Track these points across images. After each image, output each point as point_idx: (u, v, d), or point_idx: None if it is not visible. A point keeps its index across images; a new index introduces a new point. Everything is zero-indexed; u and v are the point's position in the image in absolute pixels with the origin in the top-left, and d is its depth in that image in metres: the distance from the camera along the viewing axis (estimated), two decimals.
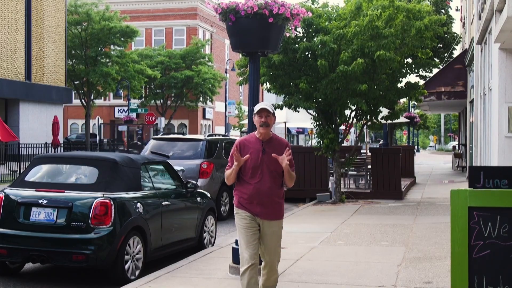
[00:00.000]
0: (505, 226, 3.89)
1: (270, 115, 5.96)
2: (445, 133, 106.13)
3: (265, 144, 5.98)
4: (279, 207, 6.04)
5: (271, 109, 6.00)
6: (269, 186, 5.91)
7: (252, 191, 5.91)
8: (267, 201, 5.91)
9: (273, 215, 5.99)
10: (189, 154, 14.53)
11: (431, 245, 10.01)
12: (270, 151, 5.91)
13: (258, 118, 5.97)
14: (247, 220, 5.94)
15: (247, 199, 5.94)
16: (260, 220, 5.95)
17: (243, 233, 5.93)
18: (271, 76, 15.85)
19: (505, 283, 3.82)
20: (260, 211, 5.92)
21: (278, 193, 6.00)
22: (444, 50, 34.32)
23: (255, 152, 5.93)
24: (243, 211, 5.97)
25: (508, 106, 11.49)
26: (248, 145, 6.00)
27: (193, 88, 47.68)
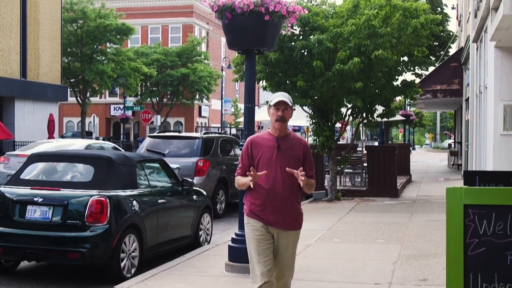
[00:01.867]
0: (501, 223, 3.90)
1: (288, 109, 5.22)
2: (441, 131, 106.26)
3: (280, 140, 5.22)
4: (297, 215, 5.28)
5: (290, 101, 5.24)
6: (285, 189, 5.14)
7: (266, 196, 5.14)
8: (283, 207, 5.15)
9: (290, 224, 5.22)
10: (185, 152, 14.53)
11: (426, 242, 10.03)
12: (286, 149, 5.20)
13: (274, 111, 5.19)
14: (259, 232, 5.17)
15: (260, 205, 5.17)
16: (275, 230, 5.19)
17: (255, 247, 5.17)
18: (267, 73, 15.84)
19: (500, 280, 3.83)
20: (275, 219, 5.15)
21: (295, 197, 5.24)
22: (440, 48, 34.36)
23: (268, 150, 5.20)
24: (255, 220, 5.21)
25: (503, 104, 11.50)
26: (261, 142, 5.25)
27: (189, 86, 47.67)
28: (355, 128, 20.16)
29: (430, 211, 14.23)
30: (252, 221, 5.24)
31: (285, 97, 5.21)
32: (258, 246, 5.15)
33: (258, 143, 5.26)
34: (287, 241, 5.21)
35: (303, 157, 5.25)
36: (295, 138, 5.34)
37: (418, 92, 18.03)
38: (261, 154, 5.20)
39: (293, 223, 5.22)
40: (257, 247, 5.15)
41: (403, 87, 17.12)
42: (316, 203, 16.07)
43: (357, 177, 19.97)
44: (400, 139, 78.64)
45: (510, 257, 3.85)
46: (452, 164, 32.74)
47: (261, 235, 5.16)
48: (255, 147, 5.25)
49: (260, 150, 5.22)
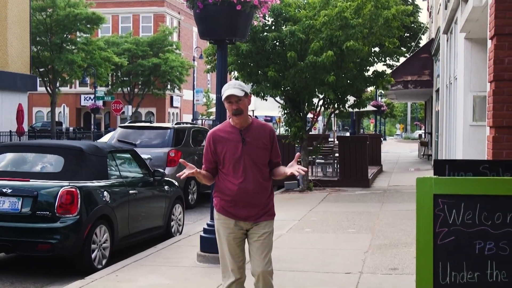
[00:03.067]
0: (469, 213, 3.94)
1: (241, 99, 4.82)
2: (412, 122, 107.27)
3: (244, 132, 4.91)
4: (269, 205, 5.02)
5: (241, 90, 4.84)
6: (256, 183, 4.88)
7: (236, 192, 4.86)
8: (255, 202, 4.90)
9: (263, 215, 4.95)
10: (156, 142, 14.45)
11: (397, 232, 10.13)
12: (252, 140, 4.88)
13: (229, 105, 4.86)
14: (231, 230, 4.94)
15: (231, 201, 4.90)
16: (248, 223, 4.94)
17: (226, 244, 4.95)
18: (239, 64, 15.81)
19: (469, 269, 3.88)
20: (248, 214, 4.90)
21: (266, 188, 4.98)
22: (411, 40, 34.63)
23: (233, 144, 4.87)
24: (226, 217, 4.94)
25: (473, 95, 11.63)
26: (224, 136, 4.92)
27: (160, 76, 47.40)
28: (327, 119, 20.26)
29: (400, 201, 14.36)
30: (223, 218, 4.96)
31: (234, 87, 4.82)
32: (230, 245, 4.94)
33: (221, 138, 4.92)
34: (262, 231, 4.93)
35: (270, 144, 4.95)
36: (259, 125, 5.00)
37: (390, 82, 18.15)
38: (226, 150, 4.88)
39: (266, 213, 4.97)
40: (228, 245, 4.94)
41: (374, 77, 17.22)
42: (288, 193, 16.12)
43: (329, 168, 20.06)
44: (371, 129, 79.23)
45: (478, 246, 3.90)
46: (423, 154, 33.08)
47: (233, 233, 4.93)
48: (218, 142, 4.92)
49: (224, 146, 4.89)
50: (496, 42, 6.86)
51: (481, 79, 10.99)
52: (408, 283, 6.74)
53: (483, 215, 3.92)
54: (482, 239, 3.90)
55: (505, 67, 6.81)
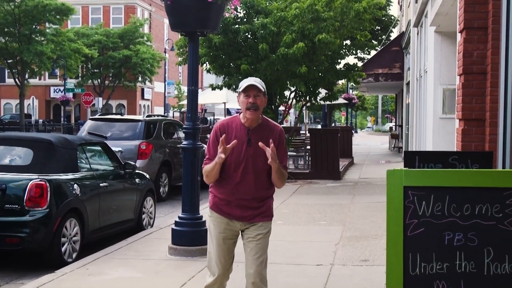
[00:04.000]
0: (439, 204, 3.98)
1: (260, 95, 4.57)
2: (382, 114, 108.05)
3: (251, 133, 4.60)
4: (267, 206, 4.78)
5: (262, 86, 4.61)
6: (252, 188, 4.62)
7: (231, 192, 4.64)
8: (250, 202, 4.66)
9: (258, 216, 4.70)
10: (127, 135, 14.35)
11: (368, 224, 10.20)
12: (258, 142, 4.54)
13: (245, 98, 4.55)
14: (222, 229, 4.70)
15: (224, 200, 4.68)
16: (242, 224, 4.70)
17: (216, 244, 4.71)
18: (211, 56, 15.78)
19: (438, 259, 3.92)
20: (241, 214, 4.67)
21: (263, 196, 4.72)
22: (382, 33, 34.83)
23: (237, 142, 4.57)
24: (218, 215, 4.71)
25: (442, 88, 11.75)
26: (230, 132, 4.60)
27: (131, 68, 47.03)
28: (299, 111, 20.30)
29: (371, 193, 14.47)
30: (215, 216, 4.72)
31: (256, 82, 4.58)
32: (219, 245, 4.70)
33: (228, 132, 4.60)
34: (258, 232, 4.67)
35: (276, 146, 4.57)
36: (269, 126, 4.69)
37: (361, 76, 18.26)
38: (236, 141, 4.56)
39: (263, 214, 4.72)
40: (217, 245, 4.70)
41: (346, 70, 17.31)
42: None
43: (300, 160, 20.12)
44: (342, 122, 79.67)
45: (447, 237, 3.94)
46: (393, 146, 33.36)
47: (223, 233, 4.69)
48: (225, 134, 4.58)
49: (230, 140, 4.55)
50: (465, 35, 6.93)
51: (451, 72, 11.10)
52: (379, 274, 6.80)
53: (452, 206, 3.97)
54: (451, 230, 3.94)
55: (474, 61, 6.89)
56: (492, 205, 3.92)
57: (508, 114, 6.28)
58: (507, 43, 6.29)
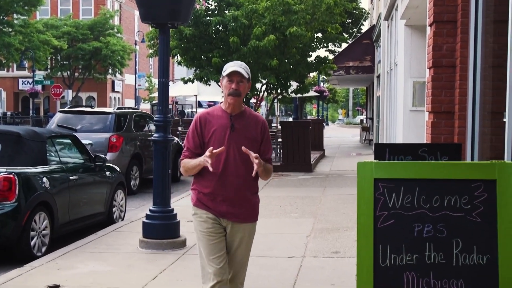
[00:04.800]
0: (409, 196, 4.02)
1: (244, 81, 4.43)
2: (353, 107, 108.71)
3: (234, 118, 4.46)
4: (253, 205, 4.59)
5: (247, 72, 4.45)
6: (239, 176, 4.43)
7: (216, 184, 4.41)
8: (236, 197, 4.45)
9: (245, 216, 4.52)
10: (97, 128, 14.22)
11: (339, 216, 10.27)
12: (241, 128, 4.44)
13: (227, 83, 4.42)
14: (209, 224, 4.45)
15: (209, 194, 4.44)
16: (227, 222, 4.49)
17: (205, 242, 4.45)
18: (182, 48, 15.70)
19: (408, 251, 3.96)
20: (227, 210, 4.45)
21: (251, 186, 4.54)
22: (353, 26, 34.99)
23: (220, 129, 4.43)
24: (203, 211, 4.48)
25: (413, 81, 11.85)
26: (212, 120, 4.46)
27: (101, 60, 46.54)
28: (270, 104, 20.31)
29: (342, 185, 14.56)
30: (200, 212, 4.49)
31: (241, 67, 4.42)
32: (208, 241, 4.43)
33: (209, 121, 4.46)
34: (242, 235, 4.52)
35: (261, 137, 4.49)
36: (252, 115, 4.57)
37: (332, 68, 18.33)
38: (212, 134, 4.43)
39: (248, 214, 4.54)
40: (207, 242, 4.43)
41: (317, 63, 17.36)
42: None
43: (272, 153, 20.12)
44: (314, 114, 79.91)
45: (417, 228, 3.98)
46: (364, 139, 33.59)
47: (211, 227, 4.44)
48: (205, 125, 4.45)
49: (211, 129, 4.43)
50: (435, 29, 6.99)
51: (421, 65, 11.20)
52: (350, 266, 6.85)
53: (421, 198, 4.00)
54: (421, 222, 3.98)
55: (443, 54, 6.95)
56: (460, 197, 3.97)
57: (476, 107, 6.36)
58: (476, 37, 6.36)
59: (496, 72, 5.78)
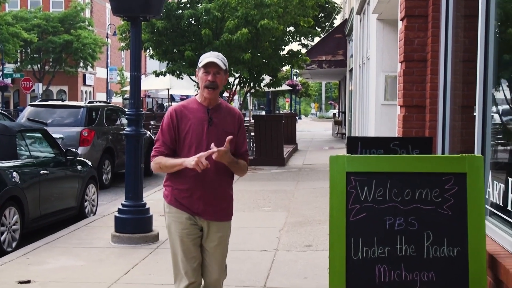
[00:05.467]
0: (380, 190, 4.04)
1: (221, 73, 4.24)
2: (326, 101, 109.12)
3: (211, 112, 4.27)
4: (229, 203, 4.42)
5: (224, 63, 4.26)
6: (218, 173, 4.24)
7: (193, 181, 4.21)
8: (213, 195, 4.27)
9: (221, 215, 4.36)
10: (69, 122, 14.09)
11: (311, 209, 10.31)
12: (219, 122, 4.26)
13: (204, 75, 4.22)
14: (184, 225, 4.26)
15: (185, 191, 4.24)
16: (203, 221, 4.31)
17: (179, 243, 4.28)
18: (154, 42, 15.60)
19: (380, 244, 3.99)
20: (204, 208, 4.26)
21: (228, 183, 4.38)
22: (325, 20, 35.09)
23: (197, 123, 4.23)
24: (178, 210, 4.28)
25: (384, 75, 11.93)
26: (188, 114, 4.26)
27: (72, 53, 46.08)
28: (243, 98, 20.28)
29: (315, 179, 14.62)
30: (174, 211, 4.29)
31: (218, 58, 4.22)
32: (182, 242, 4.27)
33: (185, 115, 4.25)
34: (221, 234, 4.37)
35: (237, 130, 4.34)
36: (228, 108, 4.40)
37: (305, 62, 18.36)
38: (189, 128, 4.22)
39: (224, 212, 4.39)
40: (181, 243, 4.27)
41: (289, 57, 17.38)
42: None
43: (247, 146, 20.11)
44: (286, 108, 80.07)
45: (389, 221, 4.01)
46: (337, 133, 33.75)
47: (186, 229, 4.26)
48: (181, 118, 4.24)
49: (188, 123, 4.23)
50: (406, 23, 7.04)
51: (393, 59, 11.28)
52: (322, 259, 6.88)
53: (393, 191, 4.03)
54: (392, 215, 4.01)
55: (414, 48, 7.00)
56: (431, 190, 4.01)
57: (447, 101, 6.42)
58: (446, 31, 6.42)
59: (467, 66, 5.84)
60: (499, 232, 4.45)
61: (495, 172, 4.78)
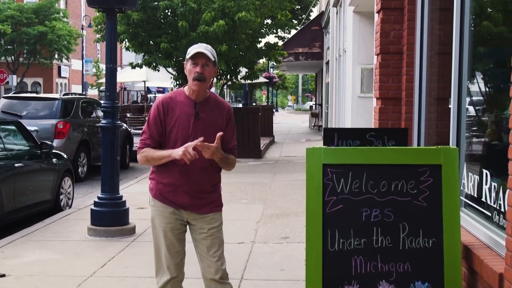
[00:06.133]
0: (357, 181, 4.07)
1: (209, 65, 4.11)
2: (303, 93, 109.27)
3: (199, 106, 4.14)
4: (218, 195, 4.34)
5: (213, 55, 4.15)
6: (203, 167, 4.12)
7: (179, 175, 4.11)
8: (200, 188, 4.17)
9: (211, 207, 4.25)
10: (43, 114, 13.96)
11: (288, 202, 10.34)
12: (206, 117, 4.14)
13: (192, 67, 4.07)
14: (168, 220, 4.18)
15: (170, 185, 4.14)
16: (190, 215, 4.20)
17: (162, 236, 4.19)
18: (130, 34, 15.49)
19: (356, 235, 4.01)
20: (191, 202, 4.17)
21: (213, 179, 4.27)
22: (302, 12, 35.10)
23: (184, 117, 4.11)
24: (163, 205, 4.19)
25: (361, 68, 11.98)
26: (174, 107, 4.13)
27: (47, 44, 45.53)
28: (219, 90, 20.20)
29: (292, 171, 14.65)
30: (159, 205, 4.20)
31: (207, 49, 4.09)
32: (166, 237, 4.17)
33: (172, 108, 4.12)
34: (211, 225, 4.22)
35: (226, 125, 4.22)
36: (217, 101, 4.26)
37: (282, 55, 18.37)
38: (175, 122, 4.10)
39: (214, 204, 4.28)
40: (165, 237, 4.17)
41: (266, 49, 17.37)
42: None
43: None
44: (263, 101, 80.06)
45: (365, 213, 4.04)
46: (313, 125, 33.85)
47: (170, 223, 4.17)
48: (167, 111, 4.12)
49: (174, 117, 4.11)
50: (382, 16, 7.06)
51: (369, 52, 11.32)
52: (299, 251, 6.91)
53: (369, 183, 4.06)
54: (369, 206, 4.04)
55: (390, 41, 7.03)
56: (407, 182, 4.04)
57: (422, 93, 6.46)
58: (422, 24, 6.45)
59: (442, 59, 5.88)
60: (473, 223, 4.50)
61: (470, 163, 4.83)
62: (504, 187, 3.85)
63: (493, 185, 4.17)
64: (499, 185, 4.05)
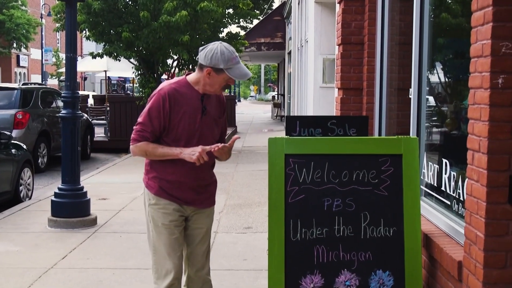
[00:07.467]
0: (319, 171, 4.09)
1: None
2: (265, 84, 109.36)
3: (205, 98, 3.91)
4: (216, 187, 4.27)
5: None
6: (207, 162, 3.90)
7: (184, 171, 3.91)
8: (204, 183, 4.07)
9: (211, 200, 4.21)
10: (2, 104, 13.71)
11: (251, 192, 10.36)
12: (210, 110, 3.94)
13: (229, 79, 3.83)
14: (172, 217, 3.96)
15: (175, 182, 3.94)
16: (191, 209, 4.05)
17: (167, 236, 3.95)
18: (91, 23, 15.28)
19: (318, 225, 4.04)
20: (194, 197, 4.01)
21: (212, 168, 4.22)
22: (264, 2, 35.07)
23: (191, 112, 3.85)
24: (167, 201, 3.96)
25: (323, 58, 12.01)
26: (180, 99, 3.84)
27: (5, 33, 44.65)
28: None
29: (254, 161, 14.67)
30: (163, 203, 3.96)
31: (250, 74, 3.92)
32: (171, 235, 3.94)
33: (178, 101, 3.83)
34: (209, 219, 4.19)
35: (222, 116, 4.11)
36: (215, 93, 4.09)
37: (244, 45, 18.33)
38: (182, 116, 3.84)
39: (213, 197, 4.24)
40: (169, 236, 3.94)
41: (228, 39, 17.31)
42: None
43: None
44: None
45: (327, 203, 4.07)
46: (276, 115, 33.92)
47: (174, 220, 3.97)
48: (176, 103, 3.82)
49: (180, 111, 3.83)
50: (344, 6, 7.10)
51: (331, 42, 11.36)
52: (262, 241, 6.93)
53: (331, 173, 4.08)
54: (330, 196, 4.07)
55: (352, 31, 7.07)
56: (368, 171, 4.08)
57: (383, 84, 6.53)
58: (383, 15, 6.51)
59: (402, 49, 5.94)
60: (433, 212, 4.57)
61: (430, 153, 4.90)
62: (463, 176, 3.92)
63: (452, 174, 4.23)
64: (458, 174, 4.12)
